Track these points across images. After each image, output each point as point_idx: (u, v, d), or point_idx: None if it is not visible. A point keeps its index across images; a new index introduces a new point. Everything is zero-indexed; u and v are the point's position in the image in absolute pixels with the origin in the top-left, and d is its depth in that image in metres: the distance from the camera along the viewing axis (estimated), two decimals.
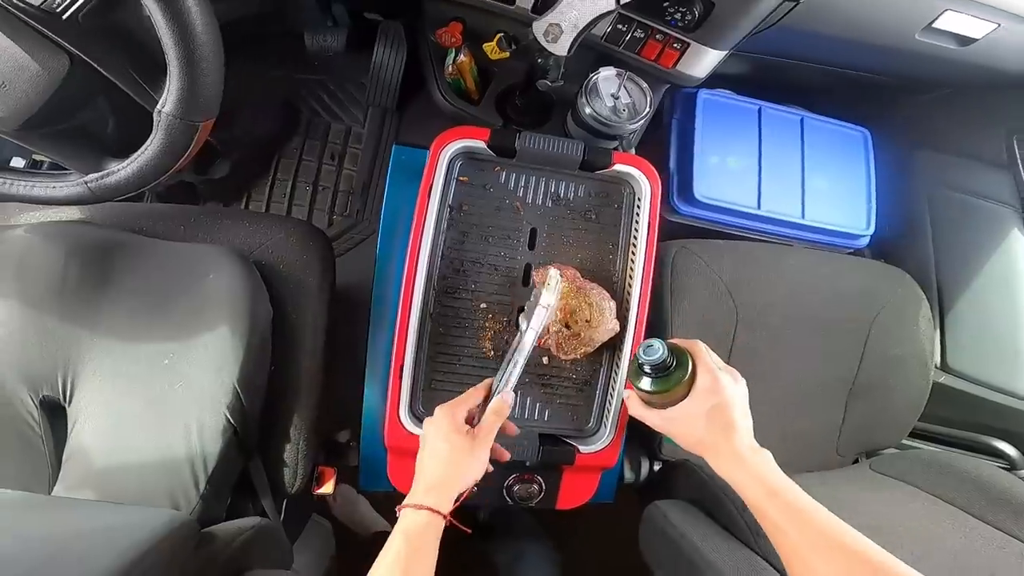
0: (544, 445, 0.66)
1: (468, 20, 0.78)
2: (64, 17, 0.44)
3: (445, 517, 0.48)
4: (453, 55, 0.80)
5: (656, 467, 0.88)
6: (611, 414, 0.68)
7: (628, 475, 0.89)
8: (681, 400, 0.52)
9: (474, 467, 0.52)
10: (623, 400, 0.60)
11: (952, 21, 0.73)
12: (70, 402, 0.59)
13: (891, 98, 1.01)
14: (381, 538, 1.11)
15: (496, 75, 0.83)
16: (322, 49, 1.06)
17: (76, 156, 0.53)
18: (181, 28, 0.42)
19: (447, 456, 0.51)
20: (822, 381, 0.87)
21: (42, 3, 0.44)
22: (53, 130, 0.52)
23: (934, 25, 0.74)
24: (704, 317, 0.82)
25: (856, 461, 0.93)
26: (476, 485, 0.53)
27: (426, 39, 0.81)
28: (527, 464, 0.68)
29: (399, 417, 0.64)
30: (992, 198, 0.91)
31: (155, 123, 0.48)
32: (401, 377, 0.64)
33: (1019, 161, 0.89)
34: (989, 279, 0.92)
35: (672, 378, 0.52)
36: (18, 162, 0.91)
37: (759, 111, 0.92)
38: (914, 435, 0.98)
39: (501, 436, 0.55)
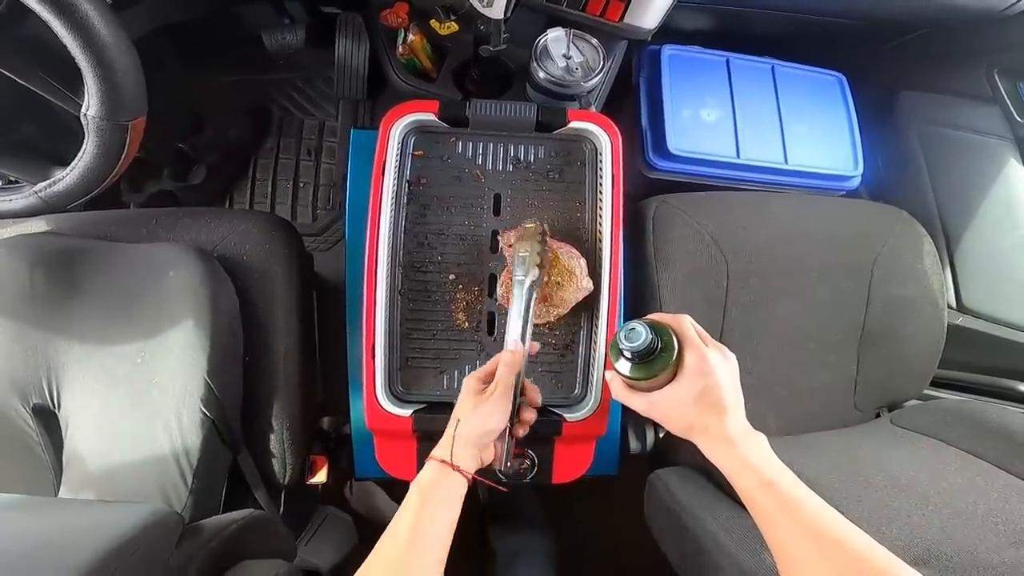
0: None
1: None
2: None
3: (455, 468, 0.48)
4: (402, 35, 0.79)
5: (661, 434, 0.86)
6: (595, 379, 0.66)
7: (634, 445, 0.87)
8: (668, 383, 0.48)
9: (487, 419, 0.50)
10: (604, 380, 0.57)
11: None
12: (59, 407, 0.61)
13: (865, 43, 0.97)
14: None
15: (451, 50, 0.82)
16: (282, 48, 1.06)
17: (24, 167, 0.54)
18: (83, 33, 0.42)
19: (458, 415, 0.51)
20: (829, 330, 0.83)
21: None
22: None
23: None
24: (692, 272, 0.79)
25: (878, 415, 0.88)
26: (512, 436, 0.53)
27: (375, 22, 0.81)
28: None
29: (377, 399, 0.64)
30: (984, 132, 0.87)
31: (84, 127, 0.48)
32: (374, 358, 0.63)
33: (1004, 94, 0.85)
34: (993, 213, 0.87)
35: (658, 363, 0.47)
36: None
37: (727, 62, 0.89)
38: (936, 384, 0.93)
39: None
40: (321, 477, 0.74)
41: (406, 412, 0.64)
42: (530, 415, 0.55)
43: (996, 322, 0.89)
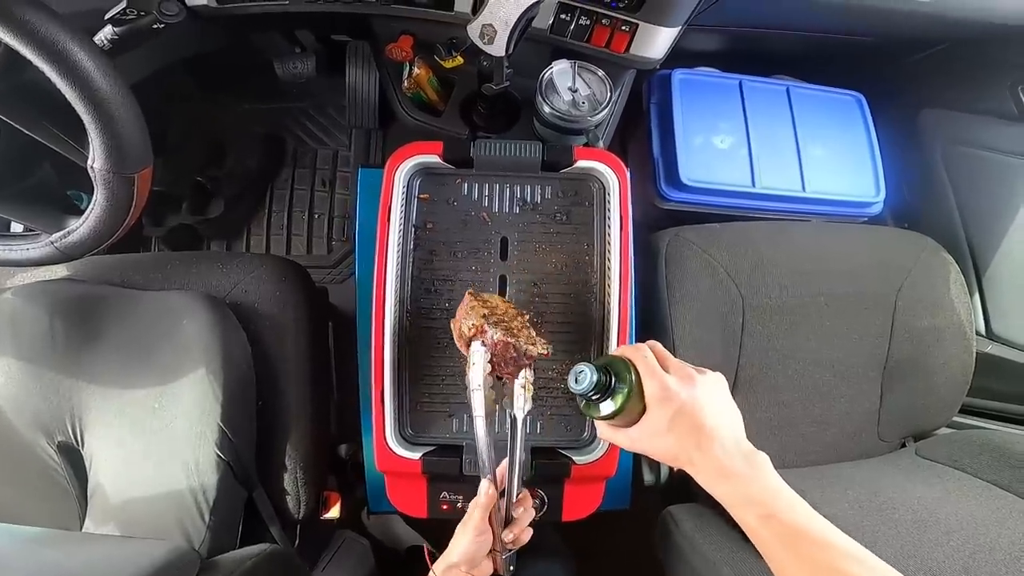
0: (538, 459, 0.64)
1: (417, 32, 0.77)
2: None
3: None
4: (408, 69, 0.79)
5: (675, 468, 0.84)
6: None
7: (648, 477, 0.86)
8: (639, 417, 0.46)
9: (466, 548, 0.52)
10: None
11: None
12: (83, 445, 0.63)
13: (884, 60, 0.93)
14: (415, 552, 1.10)
15: (457, 82, 0.82)
16: (294, 76, 1.07)
17: (38, 216, 0.55)
18: (84, 89, 0.42)
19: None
20: (851, 362, 0.81)
21: None
22: (8, 193, 0.54)
23: None
24: (707, 308, 0.78)
25: (903, 445, 0.85)
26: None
27: (380, 56, 0.81)
28: (525, 479, 0.66)
29: (386, 442, 0.64)
30: (1011, 151, 0.83)
31: (92, 179, 0.49)
32: (383, 402, 0.63)
33: None
34: (1022, 236, 0.83)
35: (616, 399, 0.46)
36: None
37: (740, 84, 0.87)
38: (964, 411, 0.90)
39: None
40: (334, 513, 0.75)
41: (415, 455, 0.64)
42: (524, 535, 0.55)
43: None
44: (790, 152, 0.84)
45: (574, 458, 0.65)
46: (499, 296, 0.58)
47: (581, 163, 0.65)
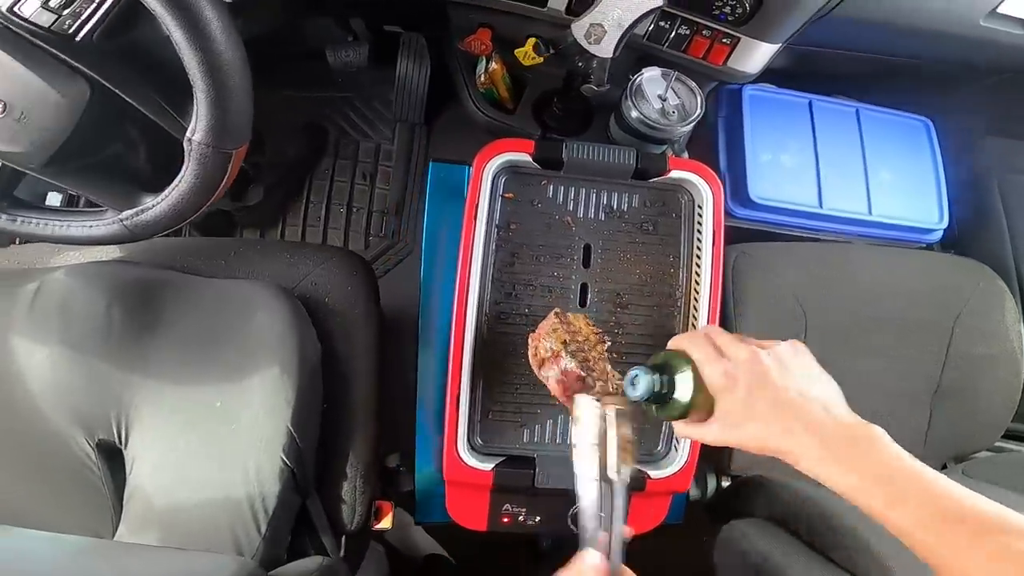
0: None
1: (496, 26, 0.75)
2: (78, 39, 0.42)
3: None
4: (484, 63, 0.77)
5: (724, 483, 0.83)
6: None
7: (694, 492, 0.84)
8: (712, 408, 0.42)
9: None
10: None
11: (1017, 6, 0.69)
12: (126, 445, 0.58)
13: (951, 85, 0.94)
14: (433, 561, 1.06)
15: (530, 81, 0.80)
16: (345, 65, 1.04)
17: (110, 192, 0.51)
18: (205, 49, 0.39)
19: None
20: (903, 386, 0.81)
21: (52, 24, 0.42)
22: (83, 164, 0.50)
23: (999, 10, 0.69)
24: (770, 324, 0.77)
25: (945, 467, 0.86)
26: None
27: (453, 48, 0.78)
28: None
29: (457, 451, 0.61)
30: None
31: (186, 152, 0.45)
32: (458, 409, 0.60)
33: None
34: None
35: (678, 397, 0.43)
36: (55, 199, 0.91)
37: (810, 104, 0.87)
38: (1007, 436, 0.91)
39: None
40: (387, 523, 0.71)
41: (487, 466, 0.61)
42: None
43: None
44: (858, 174, 0.84)
45: (649, 472, 0.63)
46: (584, 317, 0.54)
47: (674, 173, 0.64)
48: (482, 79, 0.77)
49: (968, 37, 0.74)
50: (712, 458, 0.81)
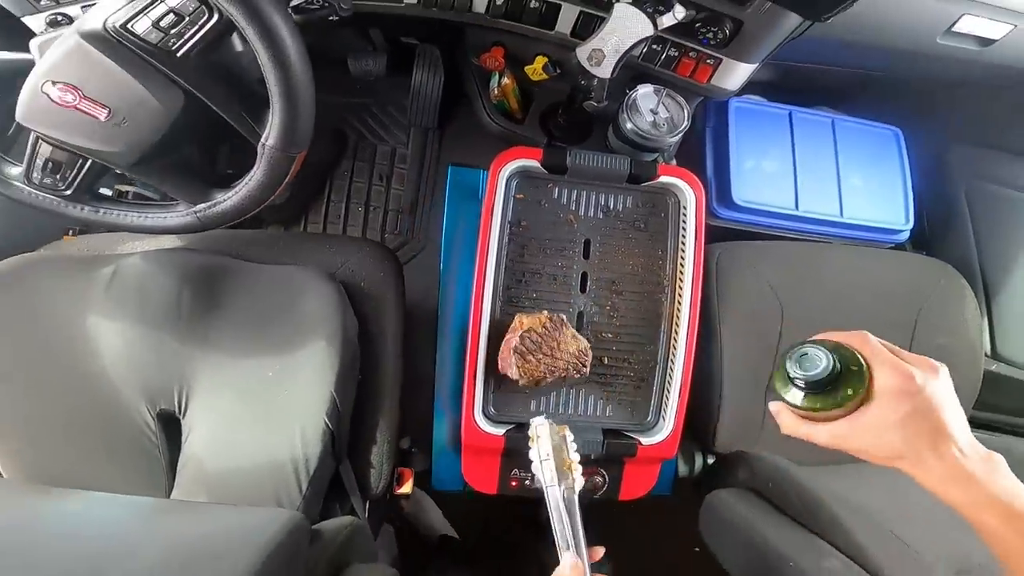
0: (607, 439, 0.71)
1: (509, 45, 0.84)
2: (179, 55, 0.50)
3: None
4: (497, 78, 0.86)
5: (710, 460, 0.92)
6: (669, 408, 0.73)
7: (682, 468, 0.93)
8: (855, 409, 0.41)
9: None
10: (772, 414, 0.47)
11: (971, 24, 0.76)
12: (184, 414, 0.65)
13: (920, 97, 1.03)
14: (446, 541, 1.13)
15: (537, 95, 0.89)
16: (365, 73, 1.13)
17: (183, 187, 0.59)
18: (283, 66, 0.48)
19: None
20: None
21: (159, 42, 0.50)
22: (163, 164, 0.58)
23: (954, 28, 0.77)
24: (750, 316, 0.86)
25: None
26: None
27: (469, 63, 0.88)
28: (592, 457, 0.72)
29: (474, 418, 0.70)
30: None
31: (259, 156, 0.53)
32: (475, 381, 0.69)
33: None
34: None
35: (844, 389, 0.40)
36: (104, 192, 1.00)
37: (790, 115, 0.96)
38: (970, 424, 0.99)
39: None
40: (407, 488, 0.79)
41: (499, 431, 0.70)
42: None
43: None
44: (831, 180, 0.94)
45: (640, 439, 0.72)
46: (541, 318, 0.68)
47: (663, 178, 0.73)
48: (495, 92, 0.86)
49: (927, 53, 0.82)
50: (698, 437, 0.89)
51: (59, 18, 0.64)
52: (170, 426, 0.66)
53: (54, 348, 0.65)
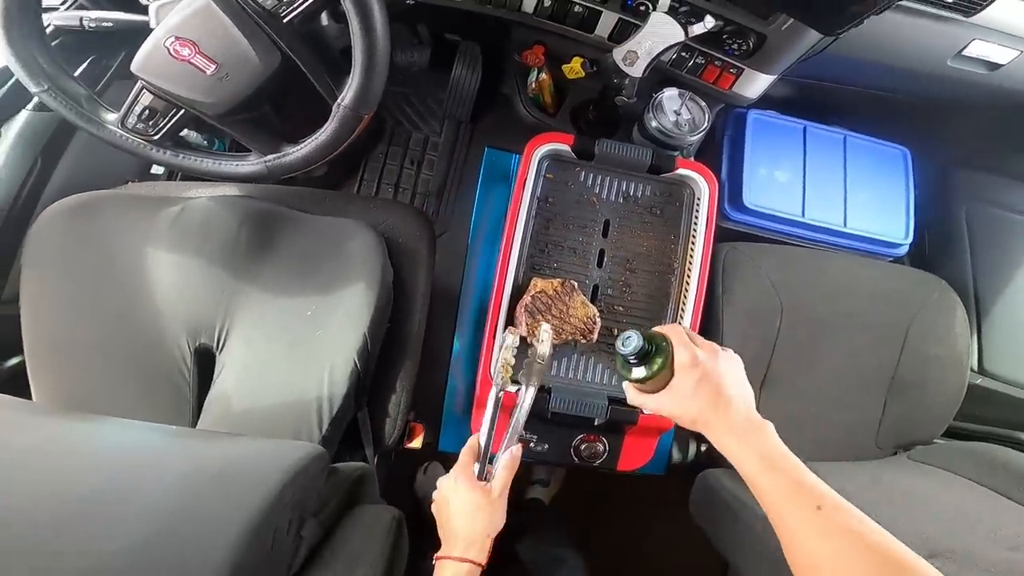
0: (612, 405, 0.77)
1: (549, 44, 0.92)
2: (284, 21, 0.57)
3: (482, 567, 0.54)
4: (536, 73, 0.94)
5: (703, 447, 0.97)
6: None
7: (676, 455, 0.98)
8: (667, 383, 0.54)
9: (498, 519, 0.56)
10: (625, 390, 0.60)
11: (980, 49, 0.82)
12: (222, 350, 0.68)
13: (929, 119, 1.09)
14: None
15: (570, 92, 0.97)
16: (409, 64, 1.21)
17: (257, 139, 0.65)
18: (369, 36, 0.55)
19: (474, 512, 0.55)
20: (862, 376, 0.94)
21: (271, 7, 0.57)
22: (243, 117, 0.64)
23: (964, 52, 0.83)
24: (752, 310, 0.91)
25: (895, 453, 0.99)
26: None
27: (511, 59, 0.96)
28: (596, 423, 0.78)
29: (490, 374, 0.76)
30: None
31: (332, 114, 0.60)
32: (495, 338, 0.75)
33: None
34: None
35: (653, 364, 0.54)
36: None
37: (804, 130, 1.03)
38: (950, 434, 1.03)
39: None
40: (417, 443, 0.84)
41: (511, 388, 0.76)
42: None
43: (1012, 384, 1.00)
44: (838, 192, 1.00)
45: (643, 409, 0.77)
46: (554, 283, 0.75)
47: (681, 170, 0.80)
48: (532, 86, 0.94)
49: (937, 75, 0.88)
50: None
51: None
52: (205, 362, 0.69)
53: (109, 277, 0.68)
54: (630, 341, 0.53)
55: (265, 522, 0.39)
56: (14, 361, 0.79)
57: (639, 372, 0.55)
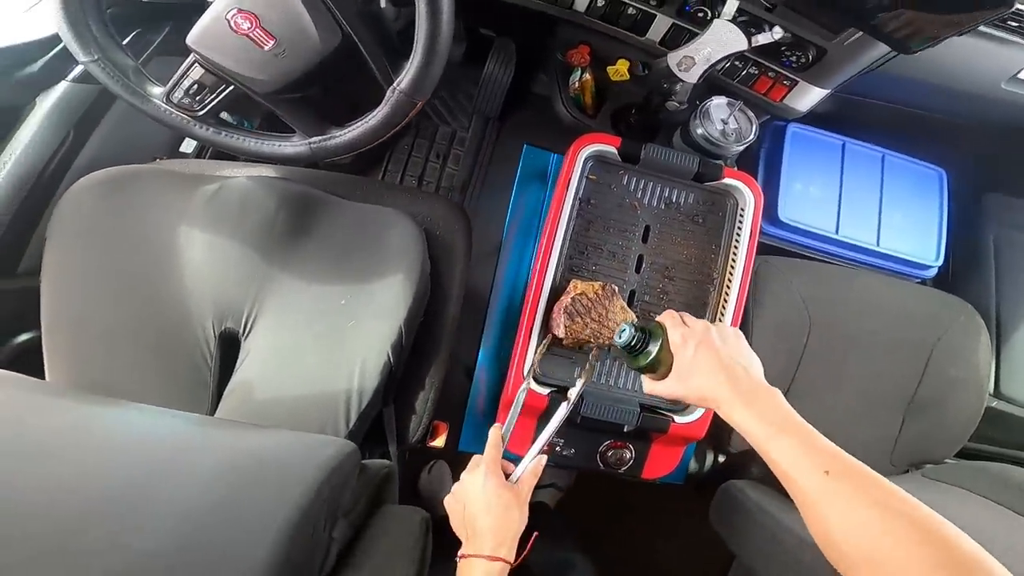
0: (643, 412, 0.76)
1: (595, 44, 0.90)
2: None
3: (513, 565, 0.53)
4: (579, 73, 0.93)
5: (721, 459, 0.96)
6: None
7: (693, 466, 0.97)
8: (670, 367, 0.54)
9: (523, 520, 0.56)
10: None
11: None
12: (247, 336, 0.66)
13: (966, 140, 1.09)
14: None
15: (611, 94, 0.96)
16: None
17: (304, 119, 0.63)
18: (435, 19, 0.53)
19: (506, 511, 0.54)
20: (883, 393, 0.94)
21: None
22: (290, 97, 0.62)
23: (1019, 76, 0.83)
24: (781, 324, 0.91)
25: (907, 471, 0.99)
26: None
27: (552, 57, 0.94)
28: (625, 430, 0.77)
29: (524, 375, 0.74)
30: None
31: (386, 98, 0.58)
32: (529, 338, 0.74)
33: None
34: None
35: (649, 350, 0.56)
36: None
37: (843, 146, 1.02)
38: (961, 455, 1.04)
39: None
40: (440, 442, 0.83)
41: (543, 391, 0.75)
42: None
43: None
44: (872, 211, 1.00)
45: (675, 418, 0.77)
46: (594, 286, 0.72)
47: (726, 180, 0.79)
48: (574, 86, 0.93)
49: (989, 98, 0.87)
50: (715, 437, 0.94)
51: None
52: (229, 347, 0.66)
53: (139, 253, 0.66)
54: (623, 333, 0.56)
55: (306, 520, 0.37)
56: (23, 338, 0.76)
57: (640, 360, 0.57)
